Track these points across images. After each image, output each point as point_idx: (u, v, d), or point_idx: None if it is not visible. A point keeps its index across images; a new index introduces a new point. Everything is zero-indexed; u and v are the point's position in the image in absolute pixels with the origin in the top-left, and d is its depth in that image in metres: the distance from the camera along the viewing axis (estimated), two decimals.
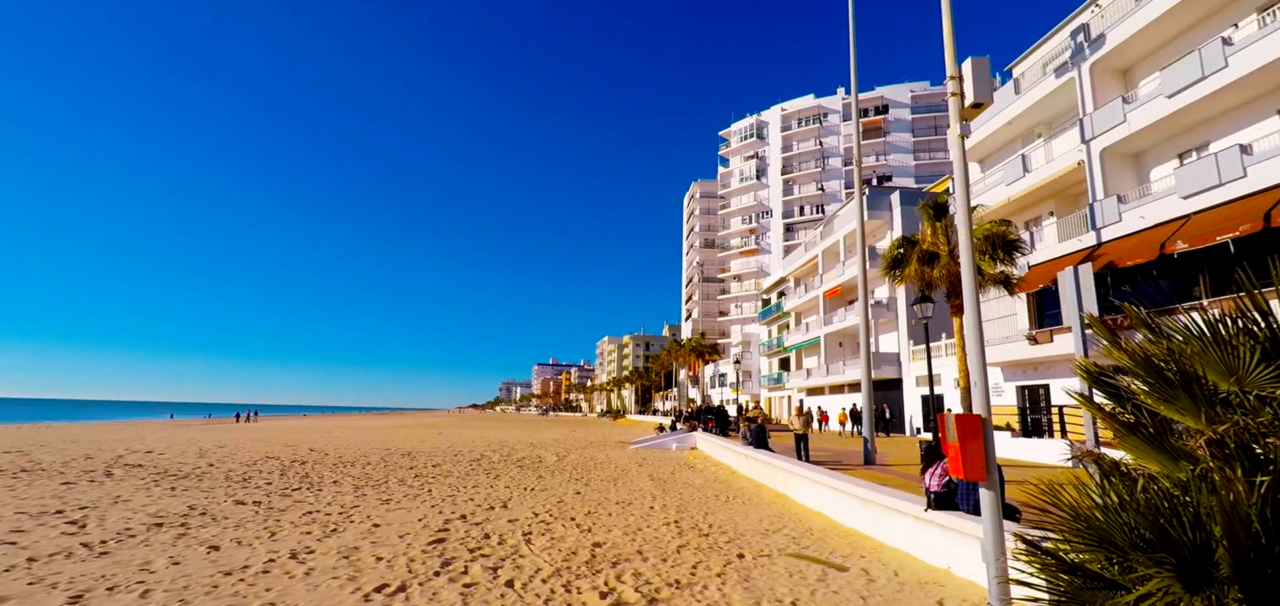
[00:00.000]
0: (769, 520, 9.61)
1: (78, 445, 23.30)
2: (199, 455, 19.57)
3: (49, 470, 14.87)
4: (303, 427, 45.79)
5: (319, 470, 15.85)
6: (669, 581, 6.26)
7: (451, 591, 5.87)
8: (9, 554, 7.00)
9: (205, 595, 5.69)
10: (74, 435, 30.71)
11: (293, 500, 11.07)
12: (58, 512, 9.52)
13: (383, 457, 19.64)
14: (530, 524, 9.19)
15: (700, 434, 25.94)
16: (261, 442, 26.51)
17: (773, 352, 53.34)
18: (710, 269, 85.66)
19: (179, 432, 35.00)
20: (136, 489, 12.11)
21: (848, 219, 37.71)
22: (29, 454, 19.09)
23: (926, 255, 16.20)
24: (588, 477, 15.05)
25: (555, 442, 29.05)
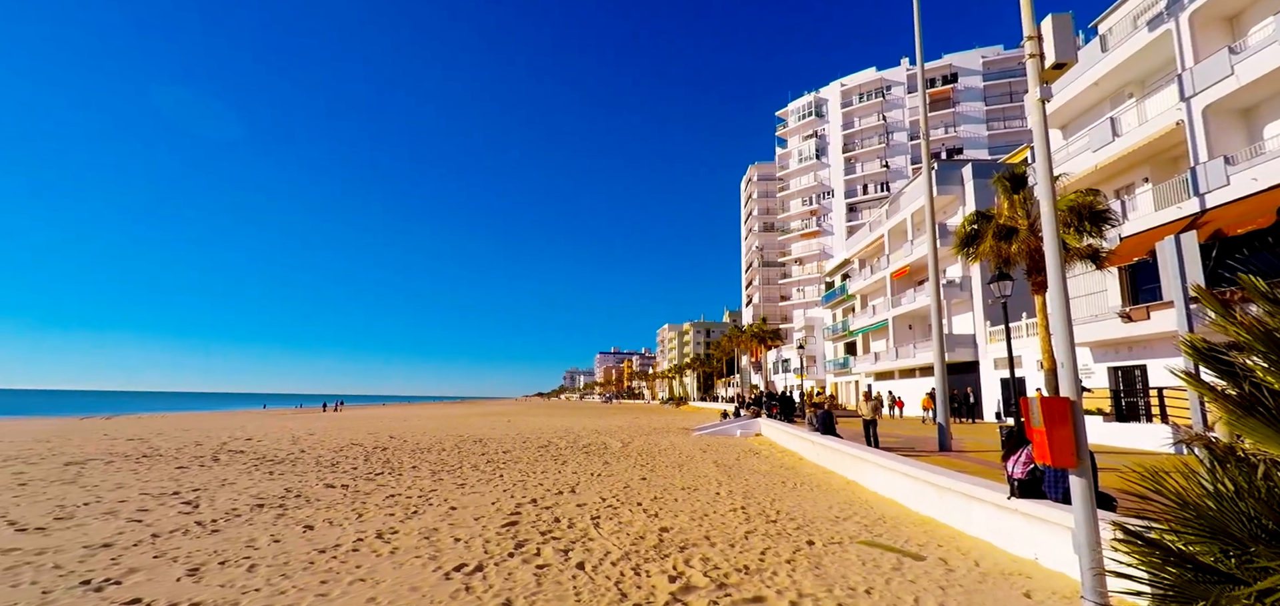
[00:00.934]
0: (838, 507, 9.42)
1: (189, 433, 25.55)
2: (292, 442, 21.05)
3: (165, 456, 16.38)
4: (382, 416, 48.36)
5: (399, 456, 16.73)
6: (737, 566, 6.26)
7: (525, 572, 6.09)
8: (137, 530, 7.79)
9: (303, 570, 6.15)
10: (185, 424, 33.67)
11: (376, 484, 11.75)
12: (175, 494, 10.50)
13: (456, 444, 20.50)
14: (598, 508, 9.39)
15: (764, 420, 25.64)
16: (346, 430, 28.21)
17: (837, 337, 51.92)
18: (770, 253, 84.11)
19: (273, 421, 37.72)
20: (240, 473, 13.17)
21: (915, 195, 36.11)
22: (148, 441, 21.10)
23: (1003, 230, 15.31)
24: (652, 463, 15.19)
25: (619, 429, 29.44)
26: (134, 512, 8.89)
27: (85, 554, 6.68)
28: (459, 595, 5.43)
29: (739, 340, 70.27)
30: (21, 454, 16.77)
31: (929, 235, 15.25)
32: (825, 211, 73.93)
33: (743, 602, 5.23)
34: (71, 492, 10.56)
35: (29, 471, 13.22)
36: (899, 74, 68.06)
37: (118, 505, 9.47)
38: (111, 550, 6.84)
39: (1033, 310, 22.56)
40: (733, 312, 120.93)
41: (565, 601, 5.27)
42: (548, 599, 5.32)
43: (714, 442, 21.31)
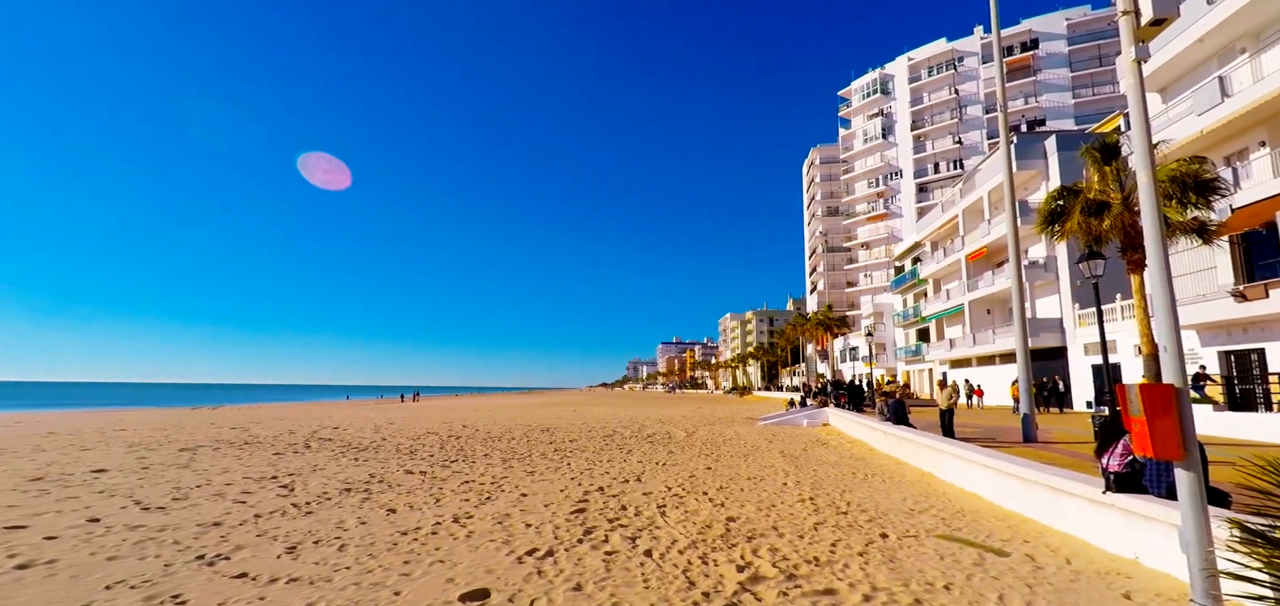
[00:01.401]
0: (913, 499, 9.09)
1: (283, 422, 27.55)
2: (374, 431, 22.31)
3: (263, 443, 17.73)
4: (455, 406, 50.44)
5: (471, 444, 17.42)
6: (807, 558, 6.15)
7: (594, 558, 6.22)
8: (242, 510, 8.49)
9: (388, 551, 6.52)
10: (279, 414, 36.30)
11: (452, 471, 12.28)
12: (273, 478, 11.36)
13: (525, 433, 21.13)
14: (664, 497, 9.45)
15: (832, 409, 25.01)
16: (422, 420, 29.61)
17: (908, 323, 49.88)
18: (835, 238, 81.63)
19: (356, 411, 40.06)
20: (329, 459, 14.09)
21: (992, 172, 34.06)
22: (248, 430, 22.89)
23: (1093, 205, 14.20)
24: (717, 453, 15.13)
25: (683, 419, 29.47)
26: (238, 495, 9.68)
27: (199, 531, 7.34)
28: (532, 578, 5.61)
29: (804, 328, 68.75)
30: (143, 441, 18.58)
31: (1008, 213, 14.34)
32: (893, 193, 70.95)
33: (813, 594, 5.15)
34: (185, 476, 11.61)
35: (150, 456, 14.63)
36: (972, 43, 64.19)
37: (225, 488, 10.34)
38: (221, 528, 7.48)
39: (1128, 291, 20.86)
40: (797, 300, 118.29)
41: (634, 588, 5.35)
42: (617, 584, 5.42)
43: (780, 432, 20.99)
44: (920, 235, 47.03)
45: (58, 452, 15.44)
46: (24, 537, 7.06)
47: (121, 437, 19.83)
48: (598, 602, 5.00)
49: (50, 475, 11.71)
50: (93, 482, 10.88)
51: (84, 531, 7.35)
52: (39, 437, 19.75)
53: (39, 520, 7.95)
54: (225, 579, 5.60)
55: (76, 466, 12.91)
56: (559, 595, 5.16)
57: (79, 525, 7.67)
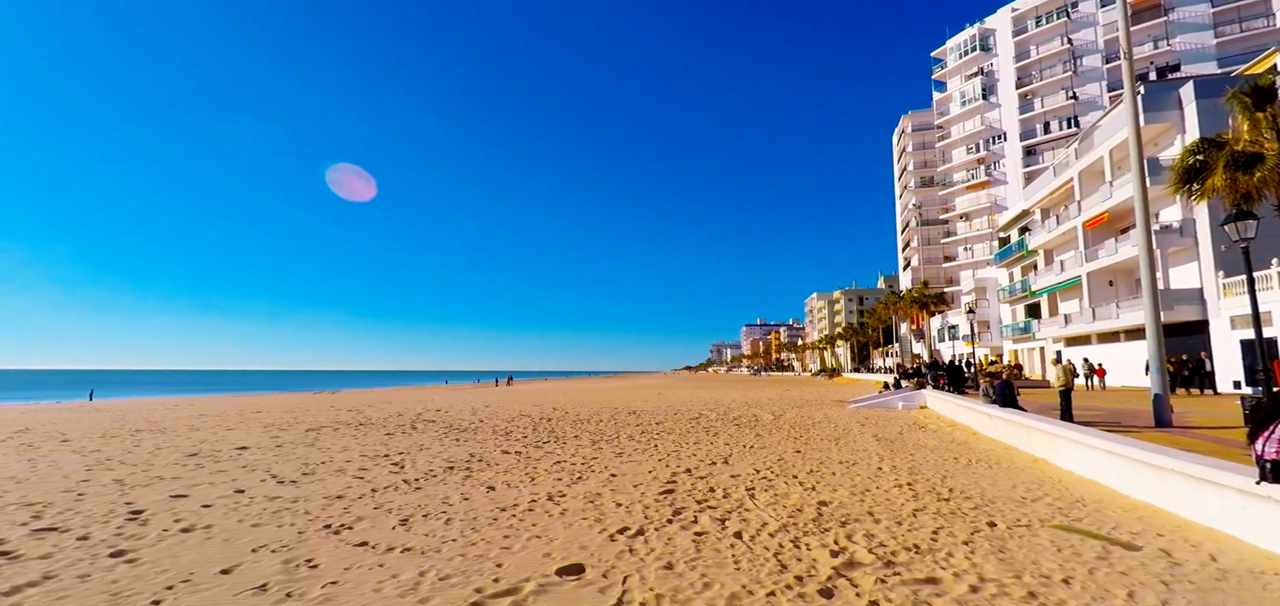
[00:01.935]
0: (1024, 487, 8.47)
1: (391, 405, 29.76)
2: (472, 413, 23.63)
3: (376, 424, 19.25)
4: (545, 390, 52.39)
5: (562, 426, 18.04)
6: (906, 545, 5.91)
7: (684, 538, 6.29)
8: (360, 485, 9.27)
9: (489, 525, 6.91)
10: (388, 398, 39.23)
11: (544, 451, 12.79)
12: (385, 456, 12.33)
13: (612, 416, 21.61)
14: (752, 480, 9.38)
15: (929, 391, 23.73)
16: (515, 403, 30.99)
17: (1015, 298, 46.21)
18: (930, 210, 76.84)
19: (455, 395, 42.54)
20: (433, 439, 15.08)
21: (1115, 127, 30.72)
22: (362, 412, 24.92)
23: (1242, 158, 12.47)
24: (807, 436, 14.79)
25: (769, 402, 29.01)
26: (357, 471, 10.58)
27: (325, 503, 8.11)
28: (624, 556, 5.76)
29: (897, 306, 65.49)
30: (276, 422, 20.69)
31: (1135, 172, 12.87)
32: (995, 158, 65.67)
33: (914, 582, 4.94)
34: (312, 453, 12.84)
35: (282, 436, 16.29)
36: None
37: (345, 464, 11.34)
38: (343, 501, 8.22)
39: None
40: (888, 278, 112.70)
41: (724, 568, 5.36)
42: (707, 565, 5.45)
43: (873, 415, 20.18)
44: (1028, 203, 43.28)
45: (208, 432, 17.52)
46: (186, 504, 8.09)
47: (258, 419, 22.18)
48: (689, 582, 5.06)
49: (203, 451, 13.32)
50: (237, 458, 12.27)
51: (232, 500, 8.32)
52: (193, 419, 22.49)
53: (196, 489, 9.07)
54: (349, 546, 6.16)
55: (223, 444, 14.59)
56: (651, 573, 5.27)
57: (228, 495, 8.69)
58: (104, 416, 24.59)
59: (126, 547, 6.16)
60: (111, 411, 28.26)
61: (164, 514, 7.57)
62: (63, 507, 7.97)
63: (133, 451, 13.44)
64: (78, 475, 10.44)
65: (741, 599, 4.69)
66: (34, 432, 17.72)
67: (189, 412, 26.29)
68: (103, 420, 22.47)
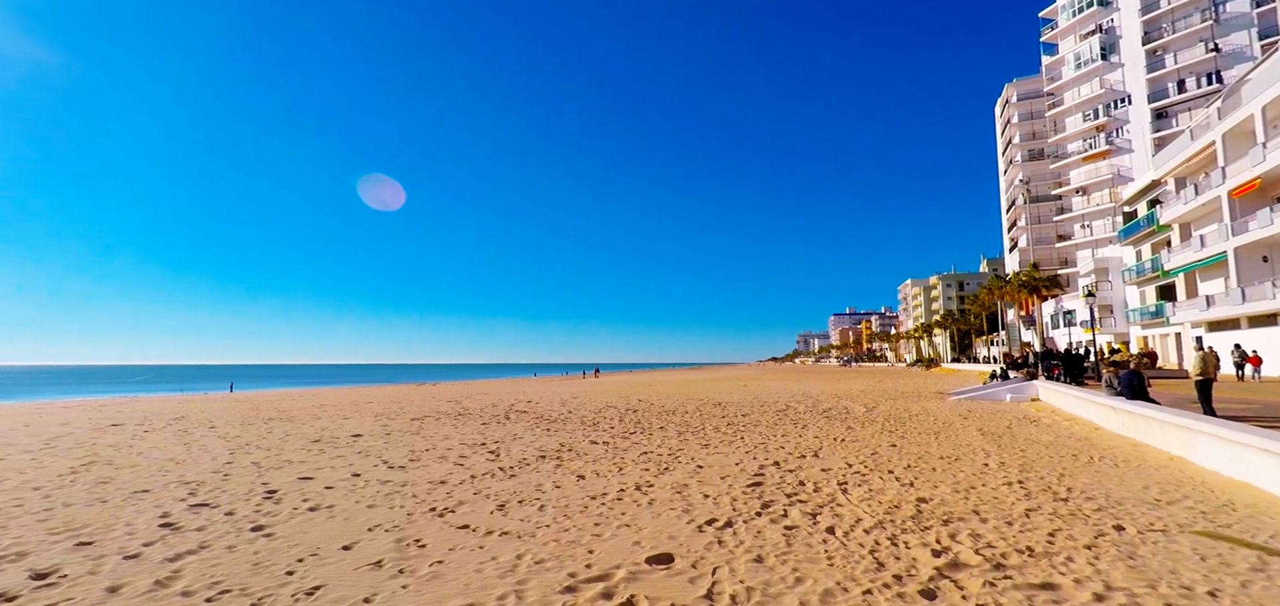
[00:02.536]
0: (1159, 487, 7.64)
1: (486, 396, 31.31)
2: (561, 405, 24.40)
3: (473, 414, 20.33)
4: (630, 381, 53.15)
5: (648, 418, 18.25)
6: (1018, 547, 5.50)
7: (774, 532, 6.18)
8: (461, 472, 9.84)
9: (580, 512, 7.12)
10: (483, 389, 41.30)
11: (631, 442, 13.00)
12: (482, 444, 13.00)
13: (697, 407, 21.59)
14: (845, 474, 9.06)
15: (1042, 382, 21.88)
16: (602, 395, 31.67)
17: (1143, 279, 41.66)
18: (1039, 185, 70.64)
19: (544, 387, 44.09)
20: (525, 429, 15.72)
21: (1270, 80, 26.82)
22: (460, 403, 26.39)
23: None
24: (903, 430, 14.10)
25: (861, 393, 27.88)
26: (458, 458, 11.23)
27: (430, 487, 8.67)
28: (712, 547, 5.75)
29: (1002, 291, 60.96)
30: (385, 412, 22.35)
31: None
32: (1117, 125, 59.28)
33: (1028, 588, 4.59)
34: (417, 441, 13.76)
35: (391, 424, 17.57)
36: None
37: (447, 451, 12.07)
38: (446, 486, 8.75)
39: None
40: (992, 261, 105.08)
41: (817, 564, 5.23)
42: (799, 559, 5.34)
43: (976, 408, 18.90)
44: (1159, 171, 38.74)
45: (327, 420, 19.20)
46: (311, 486, 8.93)
47: (369, 409, 24.04)
48: (779, 575, 4.98)
49: (324, 438, 14.62)
50: (352, 444, 13.37)
51: (350, 483, 9.08)
52: (314, 409, 24.72)
53: (319, 472, 9.98)
54: (452, 528, 6.56)
55: (341, 431, 15.95)
56: (740, 565, 5.23)
57: (346, 478, 9.49)
58: (242, 406, 27.56)
59: (264, 523, 6.89)
60: (247, 402, 31.62)
61: (294, 494, 8.39)
62: (212, 486, 9.02)
63: (266, 437, 14.96)
64: (223, 457, 11.78)
65: (836, 596, 4.55)
66: (188, 420, 20.15)
67: (311, 403, 28.91)
68: (241, 409, 25.19)
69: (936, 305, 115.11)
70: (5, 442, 14.45)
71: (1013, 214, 77.05)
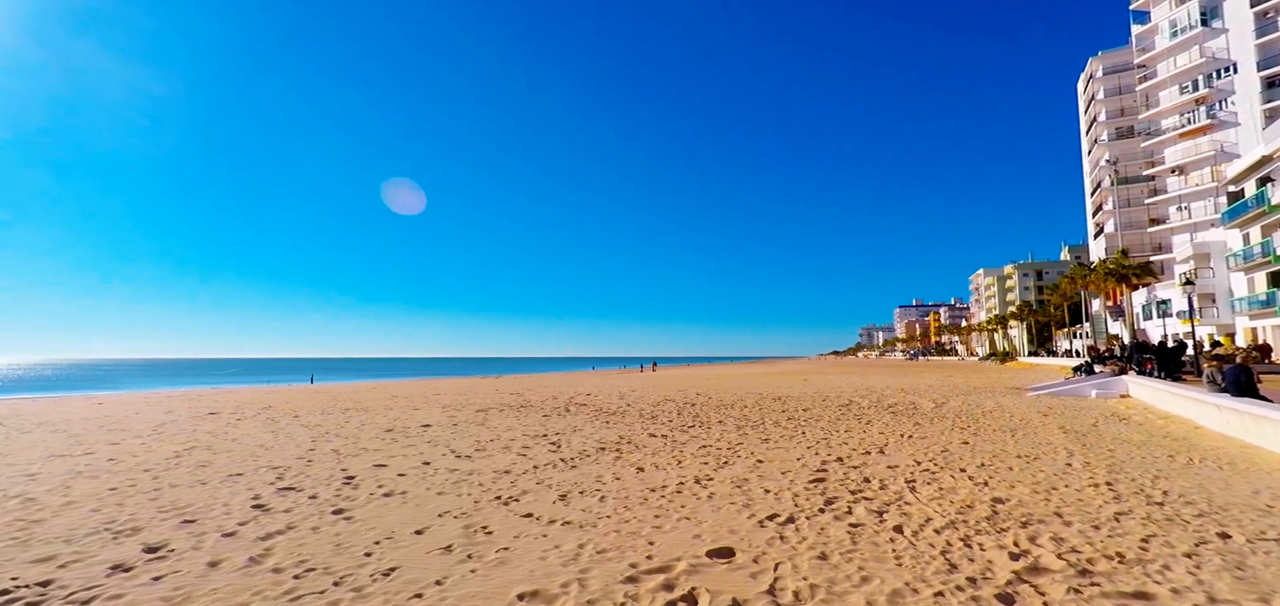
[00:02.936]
0: (1271, 494, 6.98)
1: (547, 389, 32.00)
2: (619, 397, 24.64)
3: (534, 406, 20.83)
4: (687, 375, 53.04)
5: (706, 411, 18.16)
6: (1106, 553, 5.15)
7: (838, 529, 6.04)
8: (524, 462, 10.11)
9: (640, 504, 7.17)
10: (543, 383, 42.22)
11: (690, 435, 12.98)
12: (544, 436, 13.30)
13: (756, 401, 21.31)
14: (913, 471, 8.74)
15: (1133, 377, 20.37)
16: (660, 388, 31.77)
17: (1252, 265, 38.01)
18: (1129, 165, 65.51)
19: (603, 380, 44.62)
20: (585, 421, 15.97)
21: None
22: (522, 395, 27.10)
23: None
24: (975, 426, 13.45)
25: (929, 388, 26.77)
26: (520, 449, 11.54)
27: (495, 477, 8.95)
28: (774, 542, 5.68)
29: (1087, 280, 57.11)
30: (452, 403, 23.22)
31: None
32: (1220, 96, 54.08)
33: (1119, 596, 4.30)
34: (482, 431, 14.23)
35: (458, 415, 18.25)
36: None
37: (510, 442, 12.42)
38: (510, 475, 9.02)
39: None
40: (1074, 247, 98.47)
41: (884, 563, 5.07)
42: (865, 558, 5.19)
43: (1057, 405, 17.79)
44: (1271, 146, 35.16)
45: (399, 411, 20.14)
46: (385, 472, 9.39)
47: (437, 400, 25.04)
48: (845, 573, 4.86)
49: (396, 427, 15.34)
50: (422, 434, 13.97)
51: (420, 471, 9.50)
52: (386, 400, 25.97)
53: (393, 460, 10.49)
54: (517, 517, 6.75)
55: (411, 421, 16.69)
56: (803, 562, 5.14)
57: (417, 465, 9.94)
58: (322, 397, 29.27)
59: (344, 507, 7.30)
60: (326, 393, 33.55)
61: (370, 480, 8.86)
62: (297, 471, 9.64)
63: (344, 426, 15.84)
64: (306, 444, 12.56)
65: (904, 596, 4.40)
66: (274, 409, 21.59)
67: (382, 394, 30.38)
68: (321, 400, 26.76)
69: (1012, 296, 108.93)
70: (120, 429, 15.92)
71: (1098, 197, 71.81)
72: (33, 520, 6.89)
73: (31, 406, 24.87)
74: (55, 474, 9.66)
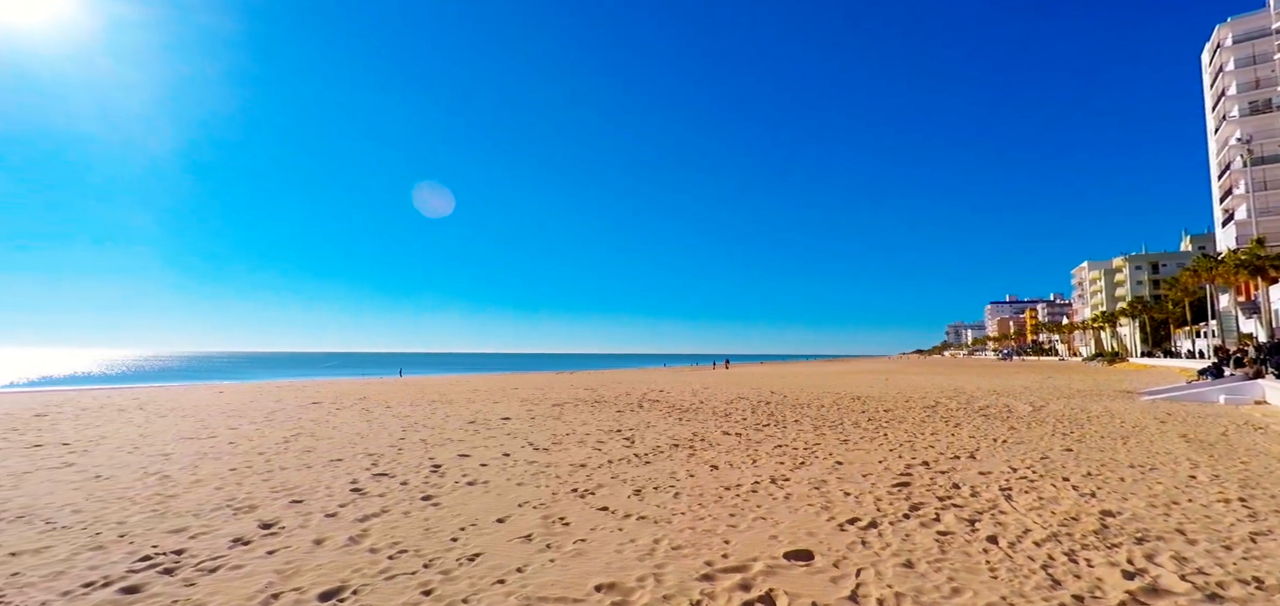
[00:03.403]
0: None
1: (620, 385, 32.41)
2: (692, 395, 24.58)
3: (608, 402, 21.14)
4: (761, 373, 52.16)
5: (781, 410, 17.79)
6: (1240, 576, 4.62)
7: (925, 536, 5.75)
8: (598, 456, 10.28)
9: (715, 502, 7.12)
10: (616, 378, 42.78)
11: (764, 434, 12.76)
12: (617, 431, 13.47)
13: (834, 401, 20.65)
14: (1008, 478, 8.18)
15: (1270, 381, 18.16)
16: (733, 386, 31.43)
17: None
18: (1265, 144, 58.31)
19: (675, 377, 44.66)
20: (658, 418, 16.05)
21: None
22: (596, 391, 27.57)
23: None
24: (1079, 432, 12.42)
25: (1025, 390, 24.98)
26: (595, 443, 11.75)
27: (571, 470, 9.16)
28: (855, 547, 5.48)
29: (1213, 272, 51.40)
30: (529, 398, 23.98)
31: None
32: None
33: None
34: (558, 426, 14.60)
35: (535, 409, 18.82)
36: None
37: (585, 436, 12.67)
38: (585, 469, 9.20)
39: None
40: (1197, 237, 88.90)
41: (977, 574, 4.78)
42: (955, 568, 4.92)
43: (1177, 411, 16.12)
44: None
45: (480, 404, 21.01)
46: (468, 463, 9.83)
47: (516, 394, 25.93)
48: (933, 583, 4.62)
49: (478, 419, 16.01)
50: (502, 426, 14.50)
51: (501, 462, 9.87)
52: (468, 393, 27.17)
53: (475, 451, 10.96)
54: (593, 509, 6.88)
55: (491, 414, 17.37)
56: (887, 568, 4.93)
57: (498, 456, 10.33)
58: (409, 390, 31.01)
59: (432, 494, 7.71)
60: (414, 385, 35.53)
61: (455, 469, 9.30)
62: (390, 459, 10.26)
63: (430, 418, 16.71)
64: (397, 434, 13.35)
65: None
66: (369, 401, 23.09)
67: (465, 388, 31.80)
68: (409, 392, 28.36)
69: (1122, 290, 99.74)
70: (238, 415, 17.55)
71: (1227, 180, 64.28)
72: (169, 495, 7.72)
73: (163, 394, 27.88)
74: (185, 454, 10.78)
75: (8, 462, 10.01)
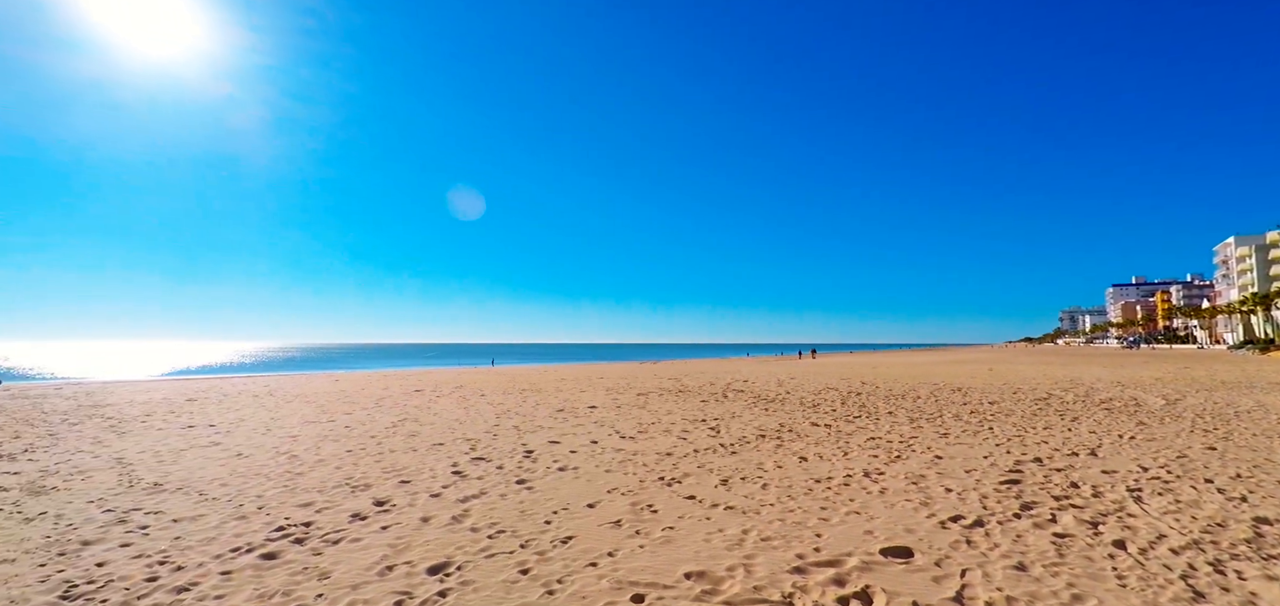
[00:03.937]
0: None
1: (704, 374, 32.31)
2: (777, 384, 24.09)
3: (692, 391, 21.15)
4: (850, 363, 50.22)
5: (873, 401, 17.06)
6: None
7: (1040, 538, 5.34)
8: (684, 445, 10.32)
9: (804, 495, 6.96)
10: (701, 368, 42.68)
11: (856, 426, 12.29)
12: (702, 420, 13.45)
13: (931, 392, 19.54)
14: (1136, 478, 7.43)
15: None
16: (820, 376, 30.48)
17: None
18: None
19: (759, 367, 43.91)
20: (743, 407, 15.86)
21: None
22: (681, 380, 27.65)
23: None
24: (1224, 429, 11.04)
25: (1156, 381, 22.49)
26: (680, 433, 11.80)
27: (656, 458, 9.26)
28: (959, 546, 5.18)
29: None
30: (615, 387, 24.43)
31: None
32: None
33: None
34: (644, 414, 14.78)
35: (620, 398, 19.16)
36: None
37: (670, 425, 12.75)
38: (671, 458, 9.26)
39: None
40: None
41: (1102, 582, 4.38)
42: (1075, 574, 4.53)
43: None
44: None
45: (568, 393, 21.66)
46: (558, 449, 10.17)
47: (601, 383, 26.50)
48: (1050, 588, 4.28)
49: (566, 408, 16.52)
50: (589, 414, 14.88)
51: (589, 449, 10.13)
52: (557, 383, 28.06)
53: (564, 438, 11.32)
54: (680, 498, 6.92)
55: (579, 402, 17.86)
56: (996, 570, 4.63)
57: (586, 444, 10.61)
58: (501, 379, 32.47)
59: (525, 477, 8.05)
60: (506, 374, 37.14)
61: (546, 455, 9.65)
62: (486, 444, 10.81)
63: (521, 406, 17.43)
64: (492, 420, 14.03)
65: None
66: (465, 389, 24.42)
67: (552, 377, 32.86)
68: (501, 381, 29.70)
69: (1277, 269, 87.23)
70: (351, 401, 19.10)
71: None
72: (297, 472, 8.55)
73: (288, 382, 30.80)
74: (309, 437, 11.88)
75: (169, 441, 11.47)
